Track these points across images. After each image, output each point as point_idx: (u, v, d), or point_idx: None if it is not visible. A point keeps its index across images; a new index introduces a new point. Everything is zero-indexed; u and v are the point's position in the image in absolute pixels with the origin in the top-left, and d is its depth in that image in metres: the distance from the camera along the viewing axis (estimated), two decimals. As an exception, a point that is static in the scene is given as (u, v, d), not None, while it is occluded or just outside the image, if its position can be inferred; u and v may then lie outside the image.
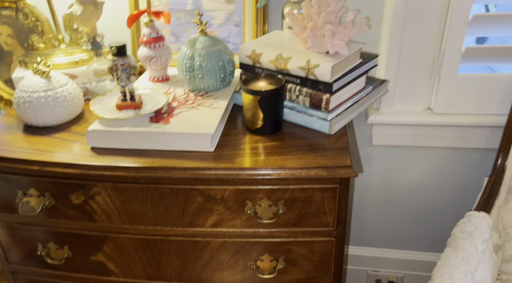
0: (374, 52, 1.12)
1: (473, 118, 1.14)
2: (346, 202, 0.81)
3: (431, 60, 1.10)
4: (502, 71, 1.21)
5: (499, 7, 1.52)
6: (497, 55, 1.07)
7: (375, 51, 1.13)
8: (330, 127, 0.87)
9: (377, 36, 1.12)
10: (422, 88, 1.15)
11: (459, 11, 1.01)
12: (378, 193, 1.35)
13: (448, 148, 1.23)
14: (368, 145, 1.27)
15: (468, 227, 0.90)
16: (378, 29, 1.11)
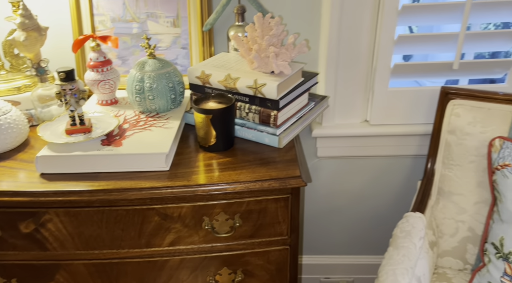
0: (314, 70, 1.22)
1: (404, 127, 1.26)
2: (297, 211, 0.86)
3: (364, 77, 1.21)
4: (427, 84, 1.36)
5: (420, 28, 1.71)
6: (421, 70, 1.20)
7: (315, 70, 1.22)
8: (279, 141, 0.92)
9: (316, 57, 1.21)
10: (358, 102, 1.26)
11: (385, 33, 1.13)
12: (326, 203, 1.43)
13: (385, 156, 1.34)
14: (314, 157, 1.35)
15: (406, 226, 0.99)
16: (316, 50, 1.20)
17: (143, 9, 1.11)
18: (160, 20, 1.12)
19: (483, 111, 1.07)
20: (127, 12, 1.12)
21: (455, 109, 1.10)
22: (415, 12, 1.11)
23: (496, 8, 1.09)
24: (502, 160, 0.95)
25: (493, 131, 1.04)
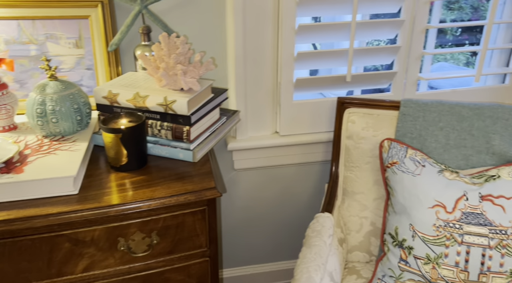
0: (225, 87, 1.27)
1: (311, 136, 1.37)
2: (215, 221, 0.89)
3: (271, 91, 1.30)
4: (329, 96, 1.48)
5: (323, 45, 1.88)
6: (320, 83, 1.32)
7: (226, 86, 1.28)
8: (193, 155, 0.95)
9: (226, 73, 1.27)
10: (268, 115, 1.34)
11: (286, 50, 1.23)
12: (245, 213, 1.47)
13: (296, 164, 1.43)
14: (231, 170, 1.40)
15: (317, 226, 1.07)
16: (225, 67, 1.26)
17: (41, 31, 1.07)
18: (61, 41, 1.08)
19: (374, 117, 1.21)
20: (22, 33, 1.06)
21: (350, 116, 1.23)
22: (310, 31, 1.23)
23: (379, 27, 1.26)
24: (391, 158, 1.08)
25: (383, 134, 1.19)
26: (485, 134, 1.09)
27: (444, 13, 3.15)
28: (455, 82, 1.65)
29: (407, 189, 1.03)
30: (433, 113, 1.14)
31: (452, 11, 3.01)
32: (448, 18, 3.10)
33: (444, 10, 3.12)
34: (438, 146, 1.13)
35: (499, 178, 0.99)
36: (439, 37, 3.14)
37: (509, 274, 0.93)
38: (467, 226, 0.95)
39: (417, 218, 1.00)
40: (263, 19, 1.19)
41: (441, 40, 3.17)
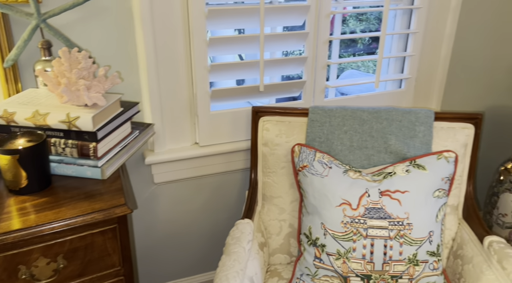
0: (139, 100, 1.25)
1: (230, 145, 1.40)
2: (127, 239, 0.87)
3: (188, 103, 1.31)
4: (257, 104, 1.49)
5: (248, 56, 1.92)
6: (236, 94, 1.36)
7: (140, 99, 1.26)
8: (102, 173, 0.92)
9: (139, 86, 1.25)
10: (186, 127, 1.34)
11: (199, 62, 1.25)
12: (170, 227, 1.45)
13: (218, 173, 1.45)
14: (151, 185, 1.37)
15: (236, 233, 1.09)
16: (138, 80, 1.24)
17: None
18: None
19: (286, 124, 1.27)
20: None
21: (265, 124, 1.28)
22: (221, 43, 1.26)
23: (286, 39, 1.33)
24: (301, 162, 1.15)
25: (294, 139, 1.25)
26: (383, 135, 1.20)
27: (354, 23, 3.41)
28: (362, 87, 1.79)
29: (317, 190, 1.10)
30: (338, 118, 1.23)
31: (361, 22, 3.28)
32: (358, 28, 3.36)
33: (354, 21, 3.38)
34: (343, 148, 1.21)
35: (395, 174, 1.09)
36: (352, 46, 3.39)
37: (408, 261, 1.03)
38: (370, 220, 1.04)
39: (327, 216, 1.07)
40: (174, 31, 1.20)
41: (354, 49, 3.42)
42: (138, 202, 1.38)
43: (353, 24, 3.60)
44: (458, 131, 1.20)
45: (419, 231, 1.03)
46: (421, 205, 1.04)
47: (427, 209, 1.04)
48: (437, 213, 1.06)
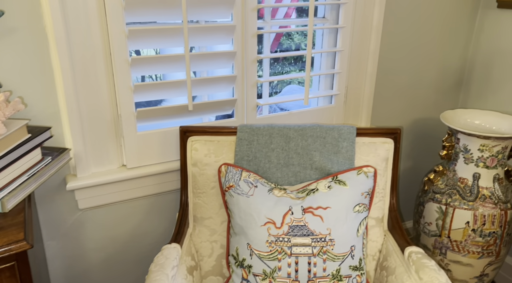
0: (59, 123, 1.19)
1: (161, 166, 1.36)
2: (29, 276, 0.81)
3: (113, 124, 1.26)
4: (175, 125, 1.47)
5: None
6: (165, 113, 1.33)
7: (60, 123, 1.19)
8: (1, 206, 0.86)
9: (58, 109, 1.19)
10: (112, 149, 1.29)
11: (122, 82, 1.21)
12: (98, 256, 1.38)
13: (150, 196, 1.41)
14: (76, 211, 1.30)
15: (160, 259, 1.06)
16: (56, 102, 1.18)
17: None
18: None
19: (214, 143, 1.26)
20: None
21: (193, 144, 1.26)
22: (145, 63, 1.24)
23: (214, 58, 1.33)
24: (228, 182, 1.14)
25: (223, 159, 1.24)
26: (308, 152, 1.22)
27: (299, 38, 3.51)
28: (300, 103, 1.82)
29: (242, 210, 1.09)
30: (265, 136, 1.24)
31: (306, 37, 3.37)
32: (303, 43, 3.46)
33: (300, 36, 3.48)
34: (271, 166, 1.22)
35: (317, 191, 1.11)
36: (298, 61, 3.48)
37: (331, 277, 1.04)
38: (294, 238, 1.04)
39: (253, 236, 1.06)
40: (93, 52, 1.16)
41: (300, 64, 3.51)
42: (62, 230, 1.30)
43: (298, 39, 3.70)
44: (379, 146, 1.24)
45: (341, 246, 1.05)
46: (342, 220, 1.06)
47: (348, 224, 1.07)
48: (358, 227, 1.08)
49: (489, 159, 1.33)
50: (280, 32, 3.08)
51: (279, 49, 3.80)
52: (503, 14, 1.60)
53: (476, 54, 1.75)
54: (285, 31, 1.45)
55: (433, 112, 1.85)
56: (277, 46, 3.81)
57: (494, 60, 1.68)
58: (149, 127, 1.37)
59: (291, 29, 1.45)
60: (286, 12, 3.18)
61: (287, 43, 4.04)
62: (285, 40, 3.95)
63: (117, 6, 1.13)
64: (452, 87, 1.84)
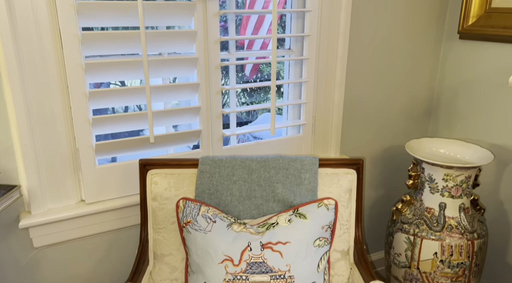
0: (12, 159, 1.15)
1: (122, 200, 1.32)
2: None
3: (70, 158, 1.23)
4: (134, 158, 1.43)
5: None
6: (125, 146, 1.30)
7: (14, 158, 1.15)
8: None
9: (11, 144, 1.15)
10: (69, 184, 1.25)
11: (78, 116, 1.19)
12: (55, 295, 1.32)
13: (110, 231, 1.35)
14: (31, 250, 1.24)
15: (112, 301, 1.00)
16: (9, 137, 1.15)
17: None
18: None
19: (175, 176, 1.23)
20: None
21: (153, 178, 1.23)
22: (104, 96, 1.22)
23: (178, 90, 1.32)
24: (185, 218, 1.10)
25: (184, 193, 1.21)
26: (271, 184, 1.20)
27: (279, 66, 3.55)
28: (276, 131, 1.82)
29: (200, 247, 1.05)
30: (227, 168, 1.22)
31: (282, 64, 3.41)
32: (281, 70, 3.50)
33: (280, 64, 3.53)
34: (233, 199, 1.19)
35: (277, 225, 1.08)
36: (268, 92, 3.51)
37: (291, 316, 1.00)
38: (252, 276, 1.00)
39: (210, 275, 1.02)
40: (48, 85, 1.14)
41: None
42: (16, 270, 1.24)
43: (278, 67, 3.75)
44: (342, 177, 1.23)
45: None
46: (302, 256, 1.03)
47: (308, 259, 1.03)
48: (318, 262, 1.05)
49: (454, 188, 1.32)
50: (244, 64, 3.12)
51: (259, 76, 3.84)
52: (465, 45, 1.64)
53: (442, 84, 1.79)
54: (249, 63, 1.46)
55: (403, 140, 1.86)
56: (255, 73, 3.85)
57: (459, 89, 1.71)
58: (109, 160, 1.34)
59: (255, 61, 1.46)
60: (263, 42, 3.25)
61: (267, 70, 4.08)
62: (265, 68, 4.00)
63: (73, 39, 1.13)
64: (421, 115, 1.86)
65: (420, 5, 1.66)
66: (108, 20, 1.17)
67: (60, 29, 1.11)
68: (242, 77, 3.60)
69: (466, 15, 1.53)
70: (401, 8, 1.63)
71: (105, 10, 1.14)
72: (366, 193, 1.87)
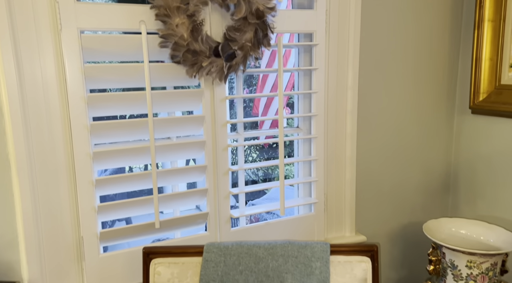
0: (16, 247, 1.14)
1: (125, 289, 1.27)
2: None
3: (73, 247, 1.20)
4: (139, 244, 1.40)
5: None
6: (130, 233, 1.28)
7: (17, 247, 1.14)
8: None
9: (15, 235, 1.14)
10: (72, 274, 1.21)
11: (84, 203, 1.19)
12: None
13: (112, 324, 1.28)
14: None
15: None
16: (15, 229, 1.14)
17: None
18: None
19: (179, 266, 1.18)
20: None
21: (156, 267, 1.18)
22: (110, 183, 1.22)
23: (185, 173, 1.31)
24: (187, 315, 1.03)
25: (188, 284, 1.15)
26: (279, 274, 1.13)
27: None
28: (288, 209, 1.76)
29: None
30: (233, 256, 1.16)
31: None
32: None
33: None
34: (239, 292, 1.12)
35: (285, 325, 0.99)
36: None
37: None
38: None
39: None
40: (56, 173, 1.16)
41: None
42: None
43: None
44: (355, 266, 1.15)
45: None
46: None
47: None
48: None
49: (480, 276, 1.21)
50: (253, 145, 3.15)
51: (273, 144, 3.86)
52: (478, 120, 1.61)
53: (458, 158, 1.73)
54: (256, 144, 1.47)
55: (422, 217, 1.77)
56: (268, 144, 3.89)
57: (477, 164, 1.65)
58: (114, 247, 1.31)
59: (264, 141, 1.46)
60: (272, 122, 3.31)
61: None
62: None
63: (83, 130, 1.16)
64: (439, 190, 1.79)
65: (427, 81, 1.67)
66: (117, 110, 1.21)
67: (71, 120, 1.15)
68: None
69: (476, 91, 1.52)
70: (409, 84, 1.64)
71: (115, 101, 1.19)
72: (386, 275, 1.74)
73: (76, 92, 1.14)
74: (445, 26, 1.65)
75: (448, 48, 1.67)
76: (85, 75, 1.14)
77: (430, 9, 1.61)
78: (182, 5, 1.15)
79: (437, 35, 1.65)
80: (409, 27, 1.59)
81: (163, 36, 1.17)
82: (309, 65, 1.50)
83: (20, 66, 1.08)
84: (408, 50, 1.61)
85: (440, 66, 1.68)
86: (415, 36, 1.61)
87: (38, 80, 1.10)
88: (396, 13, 1.55)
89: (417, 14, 1.59)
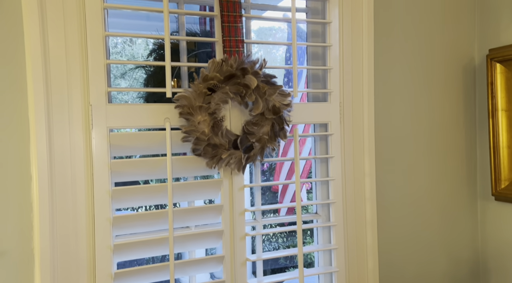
0: None
1: None
2: None
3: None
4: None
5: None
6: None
7: None
8: None
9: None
10: None
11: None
12: None
13: None
14: None
15: None
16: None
17: None
18: None
19: None
20: None
21: None
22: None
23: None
24: None
25: None
26: None
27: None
28: None
29: None
30: None
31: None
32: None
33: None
34: None
35: None
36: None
37: None
38: None
39: None
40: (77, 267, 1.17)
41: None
42: None
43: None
44: None
45: None
46: None
47: None
48: None
49: None
50: (269, 232, 3.13)
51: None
52: (502, 207, 1.57)
53: (486, 245, 1.66)
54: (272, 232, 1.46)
55: (454, 308, 1.65)
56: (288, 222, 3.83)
57: (507, 251, 1.57)
58: None
59: (281, 229, 1.46)
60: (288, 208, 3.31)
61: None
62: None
63: (105, 222, 1.19)
64: (468, 278, 1.69)
65: (446, 168, 1.67)
66: (139, 202, 1.25)
67: (95, 213, 1.19)
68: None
69: (497, 178, 1.50)
70: (427, 170, 1.64)
71: (137, 194, 1.23)
72: None
73: (101, 187, 1.19)
74: (459, 115, 1.68)
75: (464, 135, 1.69)
76: (111, 170, 1.20)
77: (444, 99, 1.66)
78: (204, 104, 1.24)
79: (452, 123, 1.67)
80: (421, 114, 1.63)
81: (186, 131, 1.24)
82: (325, 152, 1.54)
83: (53, 167, 1.14)
84: (423, 136, 1.63)
85: (458, 153, 1.68)
86: (428, 123, 1.64)
87: (68, 180, 1.16)
88: (410, 103, 1.61)
89: (430, 103, 1.64)
